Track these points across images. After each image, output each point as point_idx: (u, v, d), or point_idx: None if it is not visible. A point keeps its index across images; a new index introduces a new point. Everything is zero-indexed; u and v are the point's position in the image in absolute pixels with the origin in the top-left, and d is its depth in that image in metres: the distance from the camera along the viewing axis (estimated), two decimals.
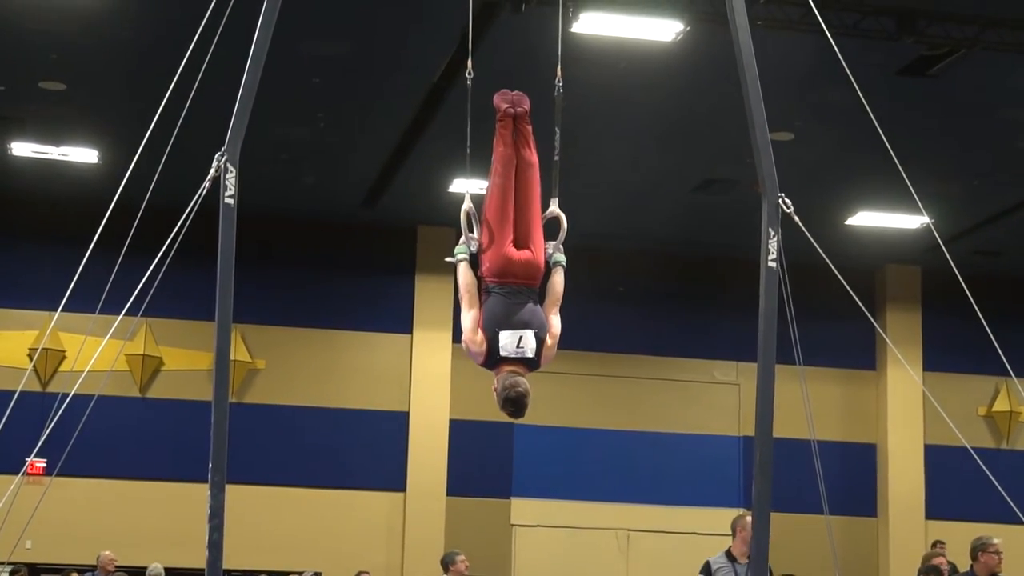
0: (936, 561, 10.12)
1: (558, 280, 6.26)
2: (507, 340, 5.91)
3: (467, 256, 6.17)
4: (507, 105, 6.19)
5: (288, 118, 14.42)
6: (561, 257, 6.30)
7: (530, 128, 6.22)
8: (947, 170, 15.26)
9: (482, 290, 6.09)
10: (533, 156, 6.19)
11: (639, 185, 16.40)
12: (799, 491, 11.52)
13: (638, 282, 18.95)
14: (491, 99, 6.30)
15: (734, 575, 8.92)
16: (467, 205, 6.20)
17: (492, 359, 5.97)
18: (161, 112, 6.18)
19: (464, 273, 6.15)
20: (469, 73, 6.53)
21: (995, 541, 8.98)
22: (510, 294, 5.96)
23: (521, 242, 6.05)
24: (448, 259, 6.26)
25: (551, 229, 6.33)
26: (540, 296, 6.14)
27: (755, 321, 5.82)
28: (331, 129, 14.95)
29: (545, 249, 6.21)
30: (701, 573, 9.23)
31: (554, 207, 6.43)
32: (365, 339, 18.51)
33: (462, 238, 6.20)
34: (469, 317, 6.02)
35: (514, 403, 5.93)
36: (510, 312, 5.93)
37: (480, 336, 5.94)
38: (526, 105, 6.23)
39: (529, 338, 5.94)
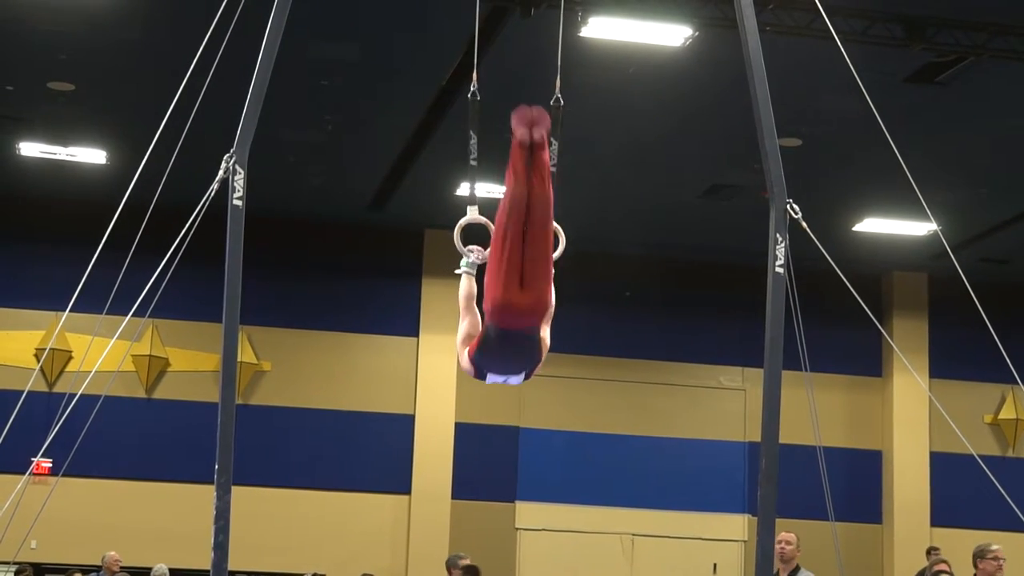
0: (939, 568, 10.11)
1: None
2: (494, 379, 5.89)
3: (473, 271, 6.09)
4: (524, 129, 5.43)
5: (296, 120, 14.43)
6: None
7: (547, 156, 5.57)
8: (955, 177, 15.24)
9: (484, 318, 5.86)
10: (549, 191, 5.55)
11: (646, 190, 16.40)
12: (804, 497, 11.48)
13: (644, 287, 18.94)
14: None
15: None
16: (468, 219, 6.10)
17: (480, 375, 5.91)
18: (170, 113, 6.20)
19: (466, 284, 6.10)
20: (473, 85, 6.28)
21: (994, 547, 8.96)
22: (508, 337, 5.65)
23: (528, 281, 5.53)
24: (456, 271, 6.19)
25: None
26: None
27: (761, 326, 5.82)
28: (339, 132, 14.96)
29: None
30: None
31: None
32: (371, 342, 18.51)
33: (465, 255, 6.09)
34: (464, 327, 5.98)
35: None
36: (504, 356, 5.76)
37: (468, 362, 5.85)
38: (546, 126, 5.51)
39: (516, 379, 5.90)
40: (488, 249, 5.76)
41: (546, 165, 5.49)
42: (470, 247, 6.13)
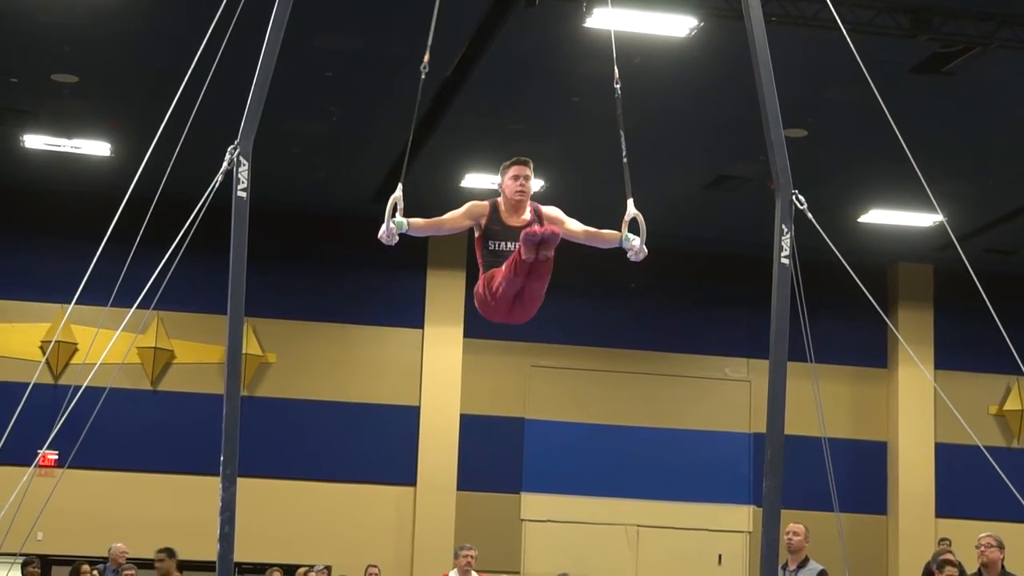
0: (945, 557, 10.09)
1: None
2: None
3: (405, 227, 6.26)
4: (532, 252, 5.71)
5: (301, 112, 14.42)
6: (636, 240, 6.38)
7: (549, 262, 5.83)
8: (960, 168, 15.23)
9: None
10: (543, 285, 6.00)
11: (652, 181, 16.35)
12: (809, 488, 11.50)
13: (649, 278, 18.91)
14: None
15: None
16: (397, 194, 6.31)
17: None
18: (174, 105, 6.19)
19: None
20: (424, 67, 6.69)
21: (980, 535, 8.98)
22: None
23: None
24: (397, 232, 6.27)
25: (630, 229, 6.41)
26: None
27: (767, 318, 5.81)
28: (343, 123, 14.96)
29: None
30: None
31: (631, 208, 6.44)
32: (376, 333, 18.52)
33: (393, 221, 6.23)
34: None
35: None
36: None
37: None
38: (554, 245, 5.74)
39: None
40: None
41: (545, 266, 5.80)
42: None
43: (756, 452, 18.59)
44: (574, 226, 6.34)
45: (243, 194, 5.49)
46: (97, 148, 15.69)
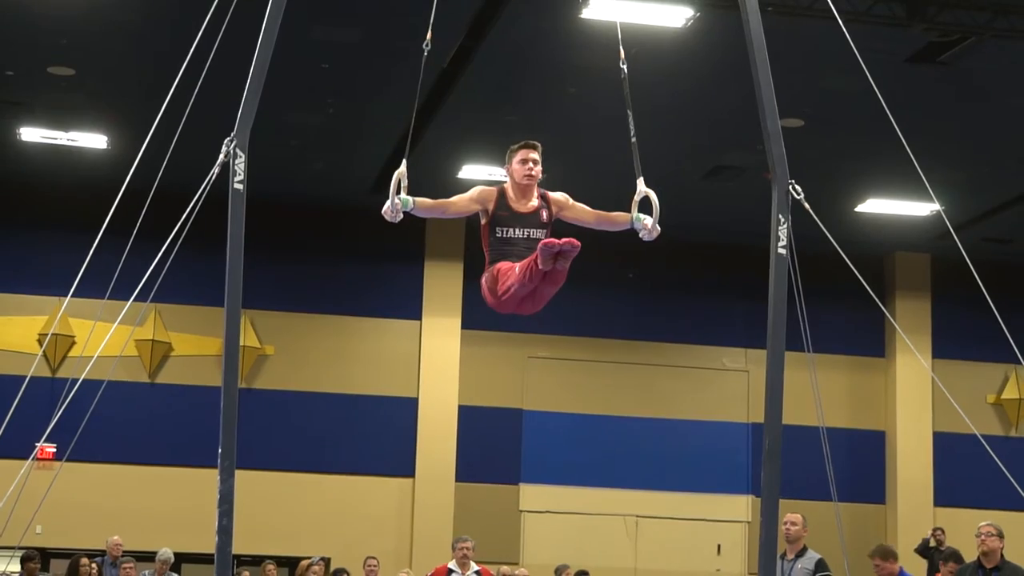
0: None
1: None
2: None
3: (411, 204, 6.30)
4: (551, 261, 5.51)
5: (298, 104, 14.41)
6: (648, 219, 6.36)
7: (565, 270, 5.63)
8: (957, 157, 15.23)
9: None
10: (555, 289, 5.80)
11: (648, 172, 16.31)
12: (808, 478, 11.51)
13: (647, 269, 18.94)
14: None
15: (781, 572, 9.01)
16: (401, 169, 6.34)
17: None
18: (170, 97, 6.19)
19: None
20: (426, 44, 6.62)
21: (980, 524, 9.02)
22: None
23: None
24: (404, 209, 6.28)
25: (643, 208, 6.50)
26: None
27: (764, 308, 5.82)
28: (340, 115, 14.95)
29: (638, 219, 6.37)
30: None
31: (641, 187, 6.54)
32: (374, 325, 18.52)
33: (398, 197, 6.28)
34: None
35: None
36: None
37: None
38: (571, 257, 5.53)
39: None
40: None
41: (561, 273, 5.63)
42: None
43: (754, 442, 18.62)
44: (583, 210, 6.28)
45: (240, 186, 5.48)
46: (93, 141, 15.68)
